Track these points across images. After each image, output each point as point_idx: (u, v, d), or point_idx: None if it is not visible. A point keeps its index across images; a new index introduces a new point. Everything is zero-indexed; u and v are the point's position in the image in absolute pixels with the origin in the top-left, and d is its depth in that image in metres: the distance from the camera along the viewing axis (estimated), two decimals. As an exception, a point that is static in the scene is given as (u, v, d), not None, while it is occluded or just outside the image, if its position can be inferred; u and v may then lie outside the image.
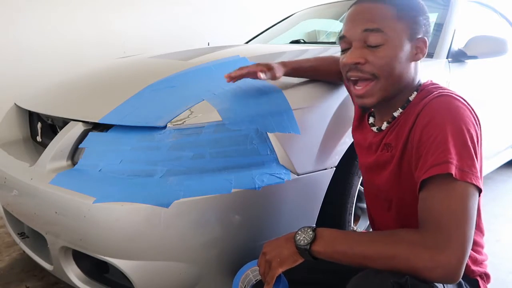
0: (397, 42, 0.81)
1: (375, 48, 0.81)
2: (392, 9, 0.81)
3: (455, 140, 0.72)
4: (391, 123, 0.88)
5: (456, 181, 0.69)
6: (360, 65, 0.82)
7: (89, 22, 2.98)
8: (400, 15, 0.81)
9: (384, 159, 0.88)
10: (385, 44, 0.80)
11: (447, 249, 0.67)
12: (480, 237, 0.88)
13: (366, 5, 0.82)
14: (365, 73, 0.82)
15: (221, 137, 1.05)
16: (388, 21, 0.80)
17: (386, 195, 0.91)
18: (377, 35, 0.80)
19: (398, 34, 0.81)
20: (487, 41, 1.74)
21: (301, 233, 0.79)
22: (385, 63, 0.81)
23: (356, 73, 0.84)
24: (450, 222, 0.68)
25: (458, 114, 0.75)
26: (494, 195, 2.46)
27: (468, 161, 0.71)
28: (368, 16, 0.81)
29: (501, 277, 1.57)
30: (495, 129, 2.20)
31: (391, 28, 0.80)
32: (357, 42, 0.82)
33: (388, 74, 0.82)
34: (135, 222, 0.96)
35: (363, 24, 0.81)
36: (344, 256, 0.75)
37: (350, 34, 0.83)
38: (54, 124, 1.40)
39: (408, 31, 0.82)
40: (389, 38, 0.80)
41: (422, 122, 0.77)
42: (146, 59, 1.70)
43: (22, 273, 1.59)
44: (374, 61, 0.81)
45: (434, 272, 0.67)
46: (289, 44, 2.28)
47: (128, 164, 1.04)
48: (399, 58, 0.81)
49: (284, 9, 3.64)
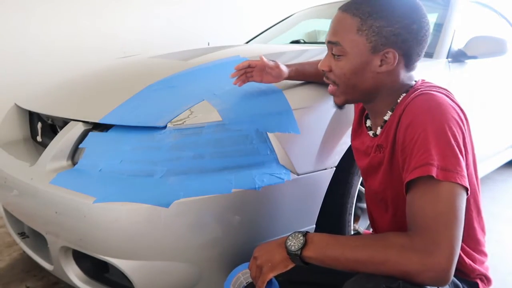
0: (355, 55, 0.83)
1: (337, 58, 0.85)
2: (356, 21, 0.81)
3: (437, 139, 0.71)
4: (383, 127, 0.88)
5: (439, 182, 0.69)
6: (326, 72, 0.89)
7: (89, 22, 2.98)
8: (362, 27, 0.81)
9: (377, 160, 0.89)
10: (344, 56, 0.84)
11: (436, 251, 0.66)
12: (481, 235, 0.88)
13: (338, 15, 0.85)
14: (329, 80, 0.90)
15: (221, 137, 1.05)
16: (348, 34, 0.82)
17: (382, 196, 0.91)
18: (336, 48, 0.84)
19: (356, 47, 0.82)
20: (487, 41, 1.74)
21: (292, 239, 0.79)
22: (341, 73, 0.85)
23: (325, 78, 0.91)
24: (437, 224, 0.68)
25: (439, 112, 0.74)
26: (494, 195, 2.45)
27: (452, 159, 0.70)
28: (334, 28, 0.85)
29: (501, 278, 1.57)
30: (495, 129, 2.20)
31: (350, 41, 0.82)
32: (328, 50, 0.88)
33: (344, 83, 0.86)
34: (135, 222, 0.96)
35: (329, 36, 0.86)
36: (335, 261, 0.75)
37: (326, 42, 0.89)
38: (54, 124, 1.40)
39: (369, 44, 0.81)
40: (348, 51, 0.83)
41: (405, 123, 0.78)
42: (146, 59, 1.70)
43: (22, 273, 1.59)
44: (334, 71, 0.87)
45: (425, 275, 0.67)
46: (289, 44, 2.28)
47: (128, 164, 1.04)
48: (356, 69, 0.84)
49: (284, 9, 3.63)
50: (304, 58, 1.49)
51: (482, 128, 1.99)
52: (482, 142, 2.04)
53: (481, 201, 0.87)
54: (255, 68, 1.12)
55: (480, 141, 2.02)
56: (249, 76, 1.14)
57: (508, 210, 2.23)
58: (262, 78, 1.13)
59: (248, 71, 1.13)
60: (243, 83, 1.15)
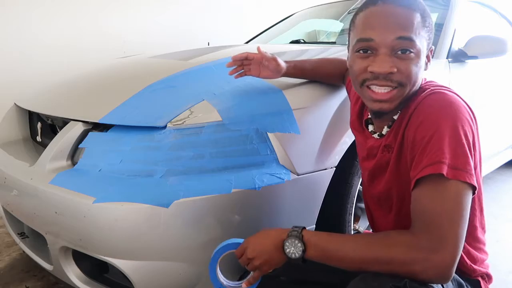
0: (421, 51, 0.79)
1: (404, 56, 0.77)
2: (418, 16, 0.77)
3: (449, 138, 0.71)
4: (391, 127, 0.87)
5: (448, 180, 0.69)
6: (388, 74, 0.77)
7: (89, 22, 2.98)
8: (424, 23, 0.78)
9: (385, 160, 0.88)
10: (413, 53, 0.77)
11: (441, 248, 0.67)
12: (482, 234, 0.88)
13: (396, 9, 0.77)
14: (394, 82, 0.78)
15: (221, 137, 1.04)
16: (418, 29, 0.77)
17: (387, 196, 0.91)
18: (409, 44, 0.76)
19: (422, 43, 0.79)
20: (487, 41, 1.74)
21: (289, 245, 0.78)
22: (413, 72, 0.78)
23: (384, 82, 0.78)
24: (442, 222, 0.68)
25: (451, 111, 0.74)
26: (494, 195, 2.45)
27: (462, 159, 0.71)
28: (402, 22, 0.76)
29: (501, 277, 1.57)
30: (495, 129, 2.20)
31: (419, 37, 0.77)
32: (387, 49, 0.77)
33: (412, 83, 0.79)
34: (135, 222, 0.96)
35: (397, 31, 0.76)
36: (338, 261, 0.75)
37: (380, 39, 0.77)
38: (54, 124, 1.40)
39: (428, 40, 0.81)
40: (417, 47, 0.77)
41: (416, 121, 0.77)
42: (146, 59, 1.70)
43: (22, 273, 1.59)
44: (404, 71, 0.77)
45: (429, 272, 0.67)
46: (289, 44, 2.28)
47: (128, 164, 1.04)
48: (422, 67, 0.80)
49: (284, 9, 3.63)
50: (304, 57, 1.49)
51: (483, 128, 1.98)
52: (482, 142, 2.03)
53: (483, 200, 0.87)
54: (252, 61, 1.11)
55: (481, 141, 2.01)
56: (246, 69, 1.13)
57: (508, 210, 2.23)
58: (259, 72, 1.12)
59: (245, 63, 1.12)
60: (239, 76, 1.14)
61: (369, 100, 0.83)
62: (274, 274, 0.95)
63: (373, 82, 0.80)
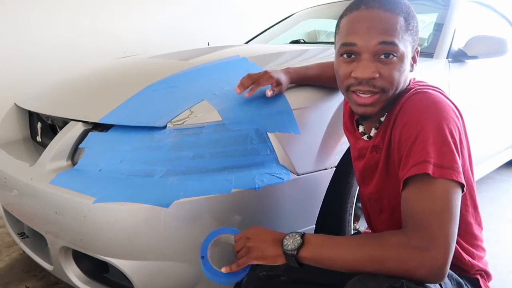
0: (405, 55, 0.79)
1: (387, 61, 0.77)
2: (401, 20, 0.77)
3: (434, 137, 0.72)
4: (378, 128, 0.88)
5: (435, 179, 0.70)
6: (371, 79, 0.78)
7: (89, 22, 2.98)
8: (408, 27, 0.78)
9: (374, 161, 0.89)
10: (396, 57, 0.77)
11: (432, 248, 0.67)
12: (479, 230, 0.88)
13: (379, 12, 0.77)
14: (376, 88, 0.79)
15: (221, 137, 1.05)
16: (401, 33, 0.77)
17: (378, 197, 0.91)
18: (392, 48, 0.76)
19: (406, 46, 0.79)
20: (487, 41, 1.74)
21: (289, 238, 0.78)
22: (395, 78, 0.78)
23: (367, 87, 0.79)
24: (433, 221, 0.68)
25: (435, 110, 0.74)
26: (494, 195, 2.45)
27: (448, 157, 0.71)
28: (384, 27, 0.76)
29: (501, 277, 1.57)
30: (495, 129, 2.20)
31: (403, 40, 0.77)
32: (370, 53, 0.77)
33: (395, 88, 0.80)
34: (135, 222, 0.96)
35: (380, 36, 0.76)
36: (332, 262, 0.74)
37: (363, 44, 0.77)
38: (54, 124, 1.40)
39: (413, 43, 0.81)
40: (401, 51, 0.77)
41: (401, 122, 0.78)
42: (146, 59, 1.70)
43: (22, 273, 1.59)
44: (386, 76, 0.78)
45: (422, 271, 0.67)
46: (289, 44, 2.28)
47: (128, 164, 1.04)
48: (405, 70, 0.80)
49: (284, 9, 3.63)
50: (304, 58, 1.49)
51: (482, 128, 1.99)
52: (482, 142, 2.04)
53: (477, 196, 0.87)
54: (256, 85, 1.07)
55: (480, 141, 2.02)
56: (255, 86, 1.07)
57: (508, 210, 2.23)
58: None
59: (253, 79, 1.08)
60: (253, 92, 1.08)
61: (354, 104, 0.84)
62: (274, 274, 0.95)
63: (357, 88, 0.81)
